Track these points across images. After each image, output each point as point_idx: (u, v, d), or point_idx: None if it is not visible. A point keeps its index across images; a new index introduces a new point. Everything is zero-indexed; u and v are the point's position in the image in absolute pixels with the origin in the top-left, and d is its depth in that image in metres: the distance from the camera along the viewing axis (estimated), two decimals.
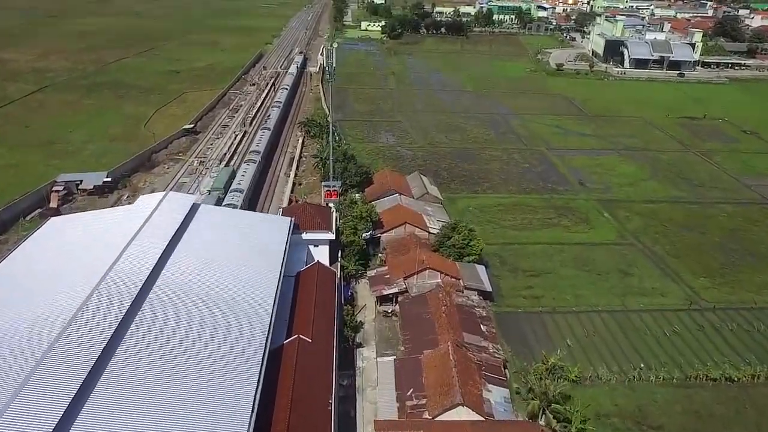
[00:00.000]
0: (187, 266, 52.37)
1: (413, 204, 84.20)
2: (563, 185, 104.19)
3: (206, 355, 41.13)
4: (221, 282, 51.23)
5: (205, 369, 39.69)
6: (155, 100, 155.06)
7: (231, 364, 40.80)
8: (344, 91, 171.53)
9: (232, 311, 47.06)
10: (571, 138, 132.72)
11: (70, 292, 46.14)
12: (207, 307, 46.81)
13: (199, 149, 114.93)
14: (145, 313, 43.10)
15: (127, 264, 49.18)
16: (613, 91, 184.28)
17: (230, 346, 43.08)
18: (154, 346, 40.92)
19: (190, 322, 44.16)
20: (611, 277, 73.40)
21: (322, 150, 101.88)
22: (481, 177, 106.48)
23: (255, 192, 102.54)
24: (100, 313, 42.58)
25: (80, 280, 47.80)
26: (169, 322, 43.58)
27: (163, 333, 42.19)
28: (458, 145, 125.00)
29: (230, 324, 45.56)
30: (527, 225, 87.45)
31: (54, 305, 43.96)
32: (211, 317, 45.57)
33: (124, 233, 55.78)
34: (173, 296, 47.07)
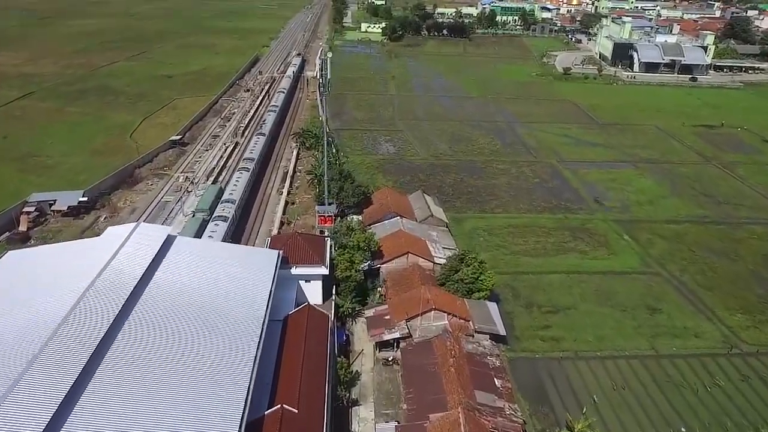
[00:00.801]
0: (153, 319, 44.87)
1: (416, 228, 76.58)
2: (578, 203, 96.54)
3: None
4: (192, 338, 43.71)
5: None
6: (144, 107, 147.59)
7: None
8: (342, 96, 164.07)
9: (201, 377, 39.58)
10: (582, 149, 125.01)
11: (12, 354, 38.82)
12: (171, 373, 39.30)
13: (186, 163, 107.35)
14: (88, 397, 35.47)
15: (79, 320, 41.79)
16: (624, 96, 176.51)
17: (197, 422, 35.64)
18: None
19: (146, 394, 36.68)
20: (637, 313, 65.75)
21: (317, 166, 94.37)
22: (489, 194, 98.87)
23: (248, 202, 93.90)
24: (40, 388, 35.24)
25: (27, 339, 40.48)
26: (121, 398, 36.08)
27: (109, 413, 34.74)
28: (463, 157, 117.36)
29: (198, 394, 38.09)
30: (541, 250, 79.81)
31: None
32: (174, 386, 38.10)
33: (83, 274, 48.55)
34: (131, 359, 39.61)
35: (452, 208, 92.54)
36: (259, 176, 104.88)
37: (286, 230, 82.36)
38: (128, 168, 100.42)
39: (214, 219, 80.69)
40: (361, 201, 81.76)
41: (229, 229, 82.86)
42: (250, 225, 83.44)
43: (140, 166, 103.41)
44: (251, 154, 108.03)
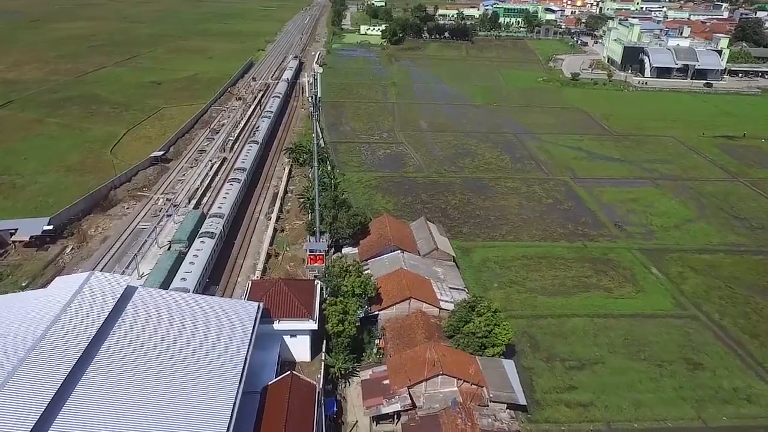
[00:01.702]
0: (100, 395, 36.64)
1: (419, 264, 67.67)
2: (597, 228, 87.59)
3: None
4: (148, 419, 35.33)
5: None
6: (128, 117, 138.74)
7: None
8: (340, 105, 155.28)
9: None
10: (597, 164, 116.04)
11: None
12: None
13: (168, 183, 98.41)
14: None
15: (10, 399, 33.58)
16: (636, 104, 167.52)
17: None
18: None
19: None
20: (677, 370, 56.78)
21: (309, 188, 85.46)
22: (498, 217, 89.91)
23: (235, 220, 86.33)
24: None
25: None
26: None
27: None
28: (469, 174, 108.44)
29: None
30: (560, 287, 70.84)
31: None
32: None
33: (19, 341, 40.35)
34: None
35: (459, 235, 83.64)
36: (249, 192, 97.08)
37: (273, 263, 73.51)
38: (103, 189, 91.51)
39: (200, 235, 73.85)
40: (358, 231, 72.80)
41: (215, 251, 73.97)
42: (232, 258, 74.35)
43: (116, 187, 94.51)
44: (243, 164, 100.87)
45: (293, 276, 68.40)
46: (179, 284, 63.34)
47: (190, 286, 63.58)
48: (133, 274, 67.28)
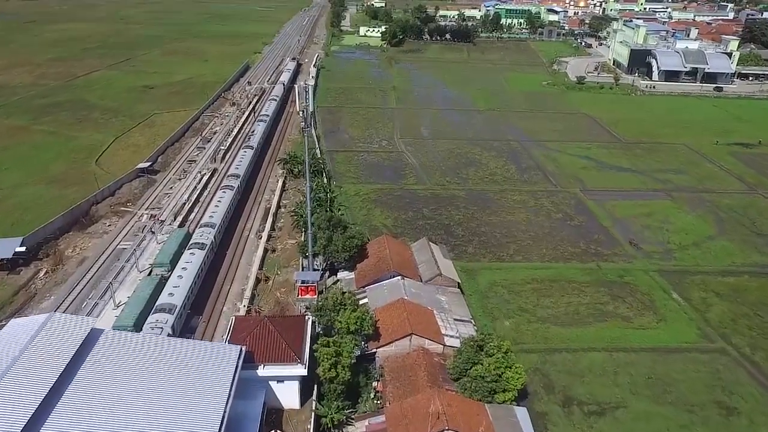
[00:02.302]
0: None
1: (421, 291, 62.02)
2: (610, 246, 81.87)
3: None
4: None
5: None
6: (118, 124, 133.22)
7: None
8: (338, 111, 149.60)
9: None
10: (607, 174, 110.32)
11: None
12: None
13: (154, 197, 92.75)
14: None
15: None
16: (645, 108, 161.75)
17: None
18: None
19: None
20: (709, 416, 51.10)
21: (303, 204, 79.89)
22: (505, 235, 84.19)
23: (230, 227, 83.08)
24: None
25: None
26: None
27: None
28: (474, 186, 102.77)
29: None
30: (574, 315, 65.18)
31: None
32: None
33: None
34: None
35: (463, 255, 77.97)
36: (243, 200, 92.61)
37: (262, 289, 67.87)
38: (83, 205, 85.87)
39: (190, 247, 70.01)
40: (354, 254, 67.12)
41: (205, 264, 69.67)
42: (218, 284, 68.64)
43: (98, 202, 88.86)
44: (237, 170, 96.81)
45: (284, 305, 62.80)
46: (166, 300, 59.70)
47: (178, 302, 60.14)
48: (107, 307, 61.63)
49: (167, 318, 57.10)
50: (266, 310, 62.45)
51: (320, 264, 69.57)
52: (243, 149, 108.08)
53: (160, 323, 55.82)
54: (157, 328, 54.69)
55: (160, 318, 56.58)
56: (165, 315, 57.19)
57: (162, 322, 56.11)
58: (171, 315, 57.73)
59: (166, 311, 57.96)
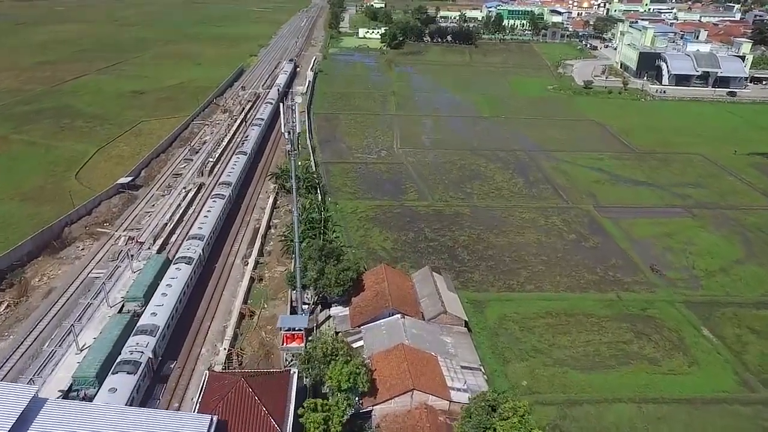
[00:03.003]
0: None
1: (424, 333, 55.06)
2: (630, 273, 74.82)
3: None
4: None
5: None
6: (102, 133, 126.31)
7: None
8: (335, 118, 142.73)
9: None
10: (622, 189, 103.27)
11: None
12: None
13: (134, 216, 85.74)
14: None
15: None
16: (656, 115, 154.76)
17: None
18: None
19: None
20: None
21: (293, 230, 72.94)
22: (515, 259, 77.17)
23: (219, 238, 78.92)
24: None
25: None
26: None
27: None
28: (479, 202, 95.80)
29: None
30: (595, 358, 58.17)
31: None
32: None
33: None
34: None
35: (470, 283, 70.98)
36: (232, 214, 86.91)
37: (246, 327, 60.87)
38: (56, 226, 78.88)
39: (176, 261, 65.56)
40: (350, 288, 60.11)
41: (191, 280, 65.43)
42: (198, 320, 61.62)
43: (73, 222, 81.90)
44: (228, 177, 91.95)
45: (269, 349, 55.80)
46: (148, 321, 54.98)
47: (161, 322, 55.26)
48: (70, 350, 54.65)
49: (148, 341, 52.61)
50: (249, 354, 55.53)
51: (311, 297, 62.69)
52: (236, 155, 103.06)
53: (141, 347, 51.37)
54: (137, 352, 50.59)
55: (140, 341, 52.33)
56: (146, 338, 52.78)
57: (142, 345, 51.80)
58: (152, 337, 53.17)
59: (147, 333, 53.25)
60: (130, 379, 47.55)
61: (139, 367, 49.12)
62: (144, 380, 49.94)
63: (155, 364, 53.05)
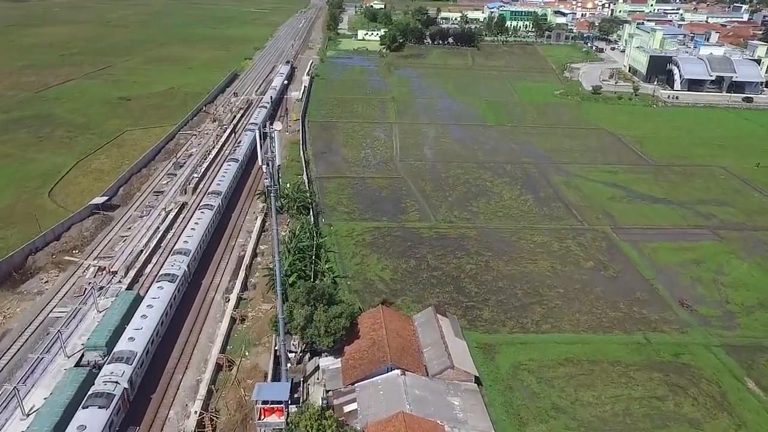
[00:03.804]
0: None
1: (428, 395, 47.25)
2: (658, 308, 66.97)
3: None
4: None
5: None
6: (83, 144, 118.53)
7: None
8: (331, 126, 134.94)
9: None
10: (640, 207, 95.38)
11: None
12: None
13: (107, 240, 77.86)
14: None
15: None
16: (670, 123, 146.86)
17: None
18: None
19: None
20: None
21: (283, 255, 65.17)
22: (528, 292, 69.29)
23: (208, 251, 74.72)
24: None
25: None
26: None
27: None
28: (486, 223, 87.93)
29: None
30: (626, 419, 50.27)
31: None
32: None
33: None
34: None
35: (478, 322, 63.12)
36: (223, 221, 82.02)
37: (224, 380, 52.99)
38: (17, 256, 70.96)
39: (159, 279, 62.01)
40: (342, 336, 52.24)
41: (175, 299, 61.20)
42: (168, 372, 53.70)
43: (39, 249, 74.06)
44: (218, 186, 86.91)
45: (247, 412, 47.86)
46: (124, 347, 50.71)
47: (139, 348, 51.05)
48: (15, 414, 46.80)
49: (123, 369, 48.38)
50: (224, 419, 47.66)
51: (298, 345, 54.85)
52: (227, 162, 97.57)
53: (115, 376, 47.47)
54: (111, 383, 46.52)
55: (115, 370, 48.16)
56: (122, 366, 48.63)
57: (117, 375, 47.66)
58: (129, 366, 48.99)
59: (123, 361, 49.23)
60: (102, 415, 43.43)
61: (113, 400, 45.01)
62: (118, 415, 45.72)
63: (131, 396, 48.70)
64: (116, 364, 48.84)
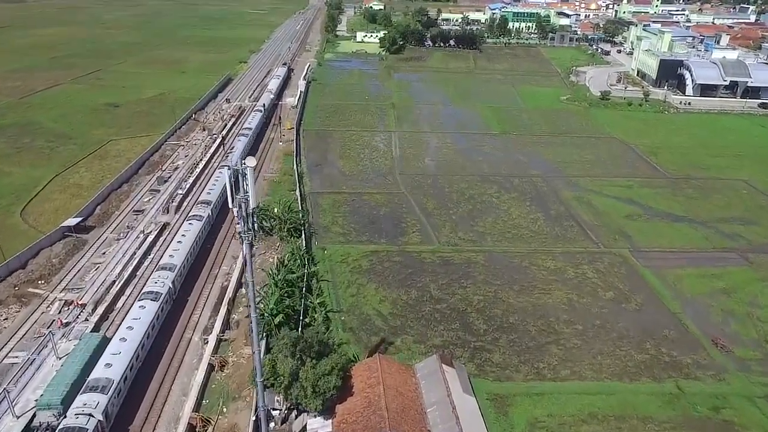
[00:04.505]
0: None
1: None
2: (688, 349, 59.89)
3: None
4: None
5: None
6: (64, 155, 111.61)
7: None
8: (327, 135, 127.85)
9: None
10: (659, 226, 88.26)
11: None
12: None
13: (78, 269, 70.74)
14: None
15: None
16: (683, 131, 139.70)
17: None
18: None
19: None
20: None
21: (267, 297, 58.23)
22: (543, 329, 62.21)
23: (196, 264, 70.48)
24: None
25: None
26: None
27: None
28: (493, 245, 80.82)
29: None
30: None
31: None
32: None
33: None
34: None
35: (488, 365, 56.03)
36: (213, 233, 76.58)
37: None
38: None
39: (141, 297, 58.50)
40: (333, 395, 45.16)
41: (157, 321, 56.91)
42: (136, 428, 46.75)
43: (1, 280, 66.92)
44: (209, 196, 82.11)
45: None
46: (101, 374, 47.04)
47: (115, 375, 47.38)
48: None
49: (98, 400, 44.33)
50: None
51: (282, 402, 47.74)
52: (219, 169, 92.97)
53: (89, 407, 43.55)
54: (84, 416, 42.68)
55: (88, 401, 44.23)
56: (96, 396, 44.72)
57: (91, 406, 43.66)
58: (105, 395, 44.97)
59: (98, 390, 45.29)
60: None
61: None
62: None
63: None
64: (90, 394, 45.04)
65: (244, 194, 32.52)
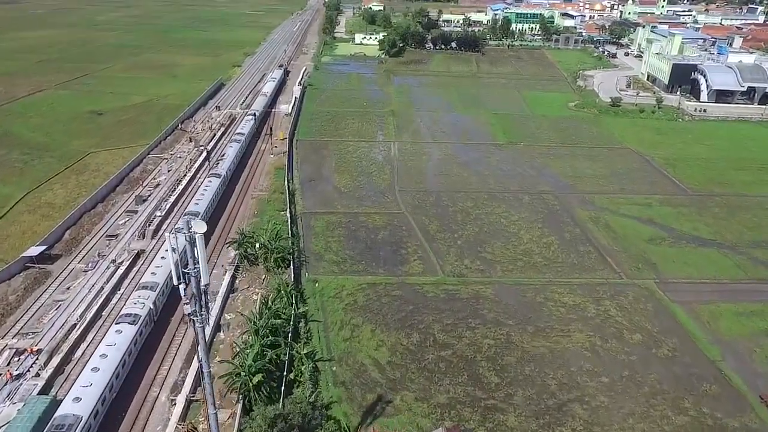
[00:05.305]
0: None
1: None
2: (733, 408, 51.85)
3: None
4: None
5: None
6: (38, 169, 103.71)
7: None
8: (323, 146, 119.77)
9: None
10: (686, 253, 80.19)
11: None
12: None
13: (37, 307, 62.69)
14: None
15: None
16: (701, 140, 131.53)
17: None
18: None
19: None
20: None
21: (246, 348, 50.25)
22: (563, 383, 54.14)
23: None
24: None
25: None
26: None
27: None
28: (504, 276, 72.75)
29: None
30: None
31: None
32: None
33: None
34: None
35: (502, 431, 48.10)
36: None
37: None
38: None
39: (118, 320, 53.69)
40: None
41: (134, 347, 52.03)
42: None
43: None
44: (196, 207, 76.57)
45: None
46: (68, 410, 42.68)
47: (84, 412, 42.78)
48: None
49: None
50: None
51: None
52: (208, 178, 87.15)
53: None
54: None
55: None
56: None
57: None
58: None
59: (64, 430, 40.78)
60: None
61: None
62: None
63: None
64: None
65: (194, 267, 24.46)
